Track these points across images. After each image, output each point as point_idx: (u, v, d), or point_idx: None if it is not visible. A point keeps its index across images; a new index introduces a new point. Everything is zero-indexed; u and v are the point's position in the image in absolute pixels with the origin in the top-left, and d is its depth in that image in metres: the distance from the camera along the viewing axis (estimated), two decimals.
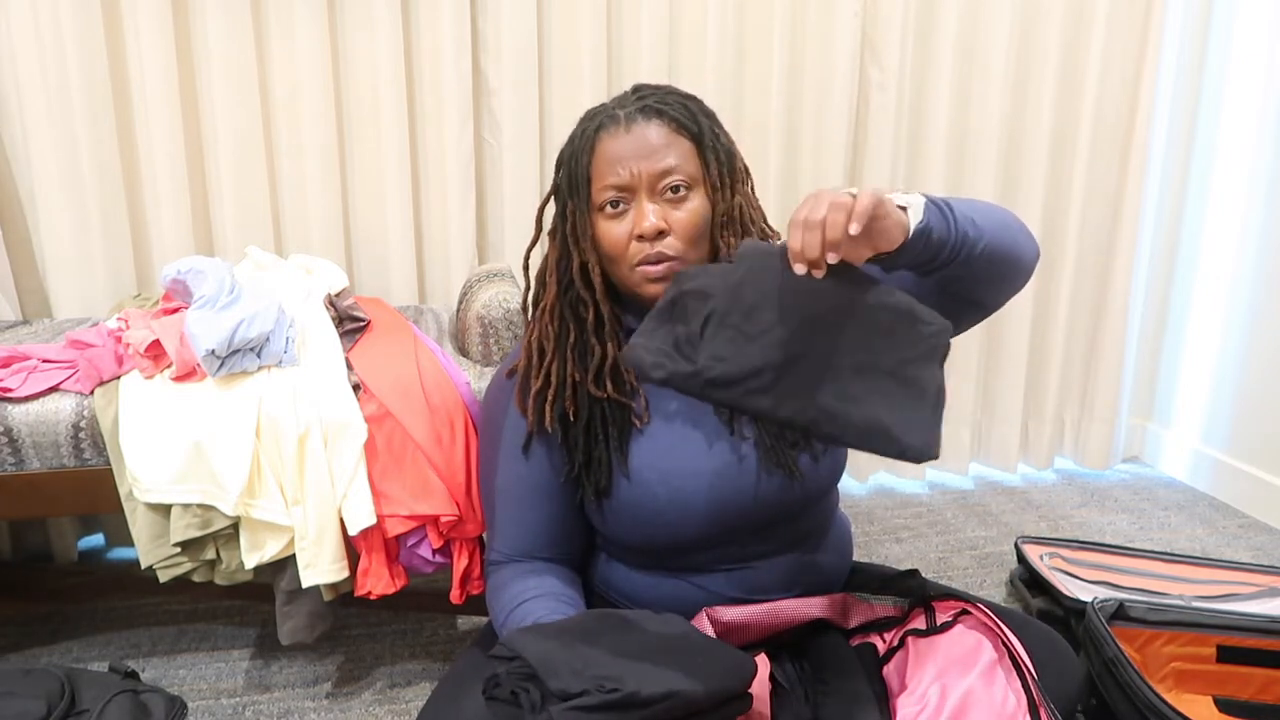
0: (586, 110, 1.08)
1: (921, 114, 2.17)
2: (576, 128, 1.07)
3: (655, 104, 1.03)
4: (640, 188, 1.01)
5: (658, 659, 0.84)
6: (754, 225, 1.08)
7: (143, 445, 1.29)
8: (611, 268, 1.05)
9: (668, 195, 1.02)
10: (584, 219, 1.04)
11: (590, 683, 0.78)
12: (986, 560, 1.96)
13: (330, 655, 1.61)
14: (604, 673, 0.80)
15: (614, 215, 1.02)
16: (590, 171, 1.03)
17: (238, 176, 1.86)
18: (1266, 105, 2.13)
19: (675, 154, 1.02)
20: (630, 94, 1.07)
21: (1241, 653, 1.40)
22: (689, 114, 1.04)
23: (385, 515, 1.32)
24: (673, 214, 1.02)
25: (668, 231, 1.01)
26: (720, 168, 1.04)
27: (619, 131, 1.02)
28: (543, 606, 1.03)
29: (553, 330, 1.07)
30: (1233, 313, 2.25)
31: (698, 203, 1.03)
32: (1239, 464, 2.24)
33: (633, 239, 1.02)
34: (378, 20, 1.86)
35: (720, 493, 1.05)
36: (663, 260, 1.01)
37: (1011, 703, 0.94)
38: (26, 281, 1.85)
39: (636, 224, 1.01)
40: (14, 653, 1.61)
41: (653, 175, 1.01)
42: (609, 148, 1.02)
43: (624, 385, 1.08)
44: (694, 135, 1.04)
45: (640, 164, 1.01)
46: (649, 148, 1.01)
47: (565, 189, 1.06)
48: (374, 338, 1.49)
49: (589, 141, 1.03)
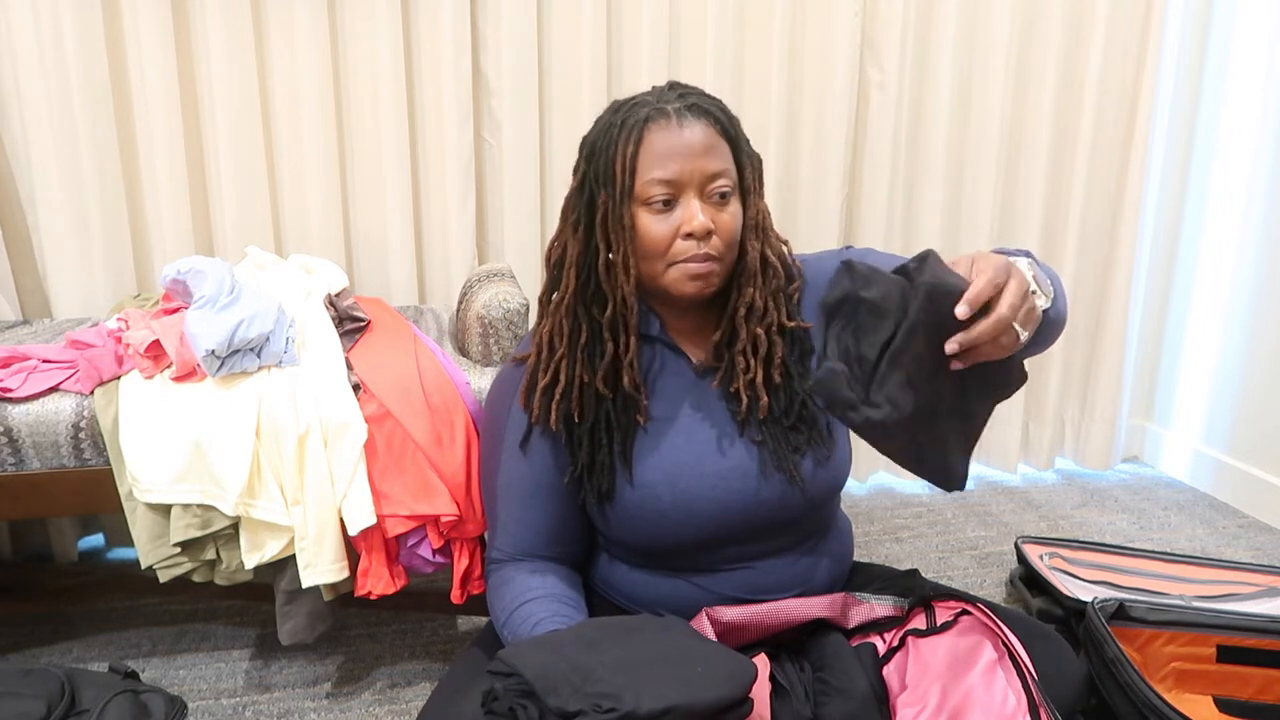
0: (614, 102, 1.06)
1: (921, 114, 2.17)
2: (610, 116, 1.04)
3: (700, 103, 1.02)
4: (690, 185, 1.00)
5: (657, 669, 0.84)
6: (772, 232, 1.09)
7: (143, 445, 1.29)
8: (646, 264, 1.03)
9: (715, 198, 1.01)
10: (621, 210, 1.01)
11: (588, 701, 0.78)
12: (986, 560, 1.96)
13: (330, 655, 1.61)
14: (602, 689, 0.79)
15: (659, 211, 1.01)
16: (636, 163, 1.00)
17: (238, 176, 1.86)
18: (1266, 105, 2.13)
19: (722, 157, 1.02)
20: (668, 90, 1.04)
21: (1241, 653, 1.40)
22: (728, 117, 1.04)
23: (385, 515, 1.32)
24: (718, 216, 1.01)
25: (713, 233, 1.01)
26: (753, 174, 1.05)
27: (670, 126, 1.00)
28: (544, 608, 1.03)
29: (566, 326, 1.06)
30: (1233, 313, 2.25)
31: (736, 207, 1.03)
32: (1239, 464, 2.24)
33: (679, 237, 1.01)
34: (378, 20, 1.86)
35: (724, 495, 1.05)
36: (708, 260, 1.01)
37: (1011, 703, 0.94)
38: (26, 281, 1.85)
39: (685, 222, 1.00)
40: (14, 653, 1.61)
41: (705, 176, 1.00)
42: (660, 141, 1.00)
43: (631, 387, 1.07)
44: (732, 140, 1.04)
45: (693, 162, 0.99)
46: (701, 146, 1.00)
47: (597, 179, 1.03)
48: (374, 338, 1.49)
49: (635, 132, 1.00)
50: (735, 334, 1.07)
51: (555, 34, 1.97)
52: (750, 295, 1.05)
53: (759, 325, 1.06)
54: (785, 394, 1.08)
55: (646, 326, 1.10)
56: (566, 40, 1.97)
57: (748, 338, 1.06)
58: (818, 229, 2.17)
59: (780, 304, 1.08)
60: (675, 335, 1.11)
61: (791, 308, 1.10)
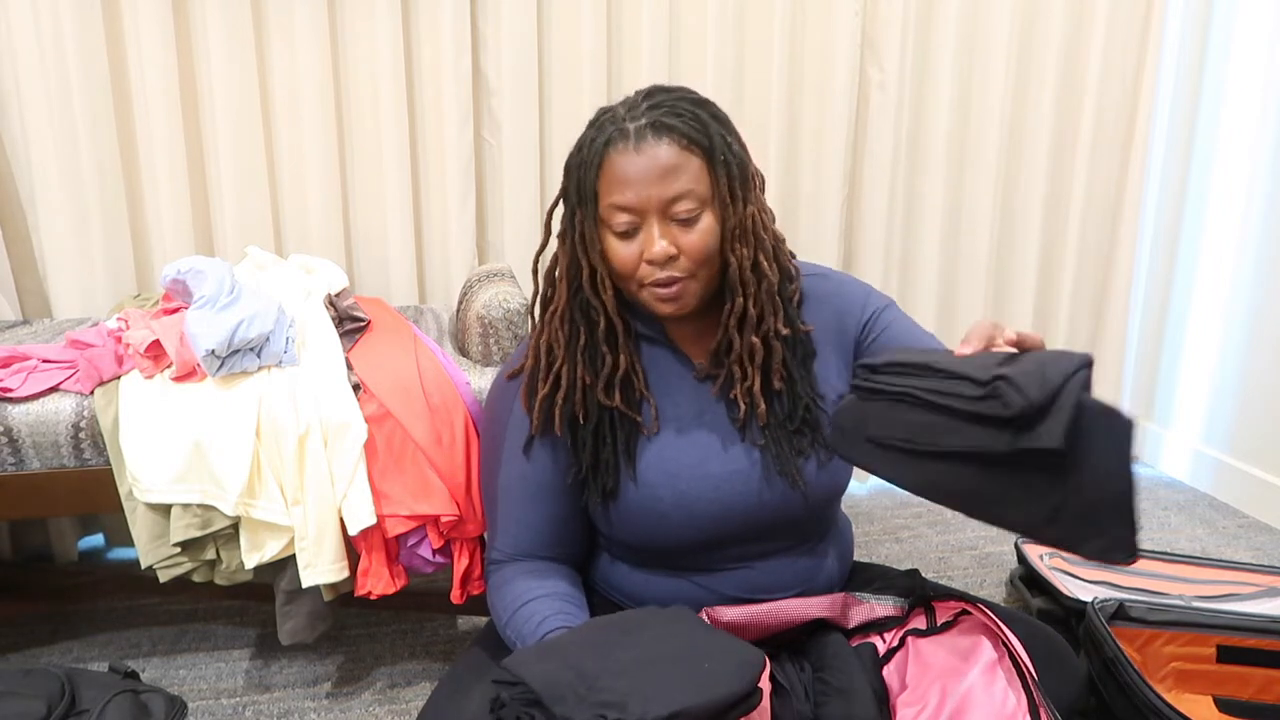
0: (599, 109, 1.04)
1: (921, 114, 2.17)
2: (587, 132, 1.02)
3: (666, 118, 0.99)
4: (650, 211, 0.98)
5: (663, 670, 0.83)
6: (765, 233, 1.04)
7: (143, 445, 1.29)
8: (620, 282, 1.04)
9: (679, 219, 0.99)
10: (592, 231, 1.01)
11: (593, 710, 0.78)
12: (986, 560, 1.96)
13: (330, 655, 1.61)
14: (608, 697, 0.79)
15: (623, 235, 1.00)
16: (598, 187, 1.00)
17: (238, 176, 1.86)
18: (1266, 105, 2.12)
19: (686, 176, 0.98)
20: (642, 100, 1.02)
21: (1241, 653, 1.40)
22: (700, 126, 0.99)
23: (385, 515, 1.32)
24: (683, 238, 0.99)
25: (678, 255, 0.99)
26: (731, 181, 1.01)
27: (628, 149, 0.98)
28: (548, 607, 1.03)
29: (563, 334, 1.06)
30: (1233, 313, 2.25)
31: (707, 223, 1.00)
32: (1239, 464, 2.24)
33: (642, 261, 1.00)
34: (378, 20, 1.86)
35: (726, 496, 1.05)
36: (674, 282, 1.00)
37: (1011, 703, 0.94)
38: (26, 281, 1.85)
39: (646, 248, 0.99)
40: (14, 653, 1.61)
41: (663, 201, 0.98)
42: (617, 166, 0.98)
43: (633, 395, 1.07)
44: (705, 149, 0.99)
45: (650, 188, 0.97)
46: (659, 170, 0.97)
47: (574, 197, 1.03)
48: (374, 338, 1.49)
49: (597, 155, 0.99)
50: (730, 343, 1.05)
51: (555, 34, 1.97)
52: (740, 305, 1.03)
53: (754, 334, 1.04)
54: (788, 398, 1.07)
55: (647, 328, 1.10)
56: (566, 40, 1.97)
57: (743, 347, 1.04)
58: (818, 229, 2.17)
59: (777, 308, 1.05)
60: (678, 338, 1.11)
61: (790, 311, 1.07)
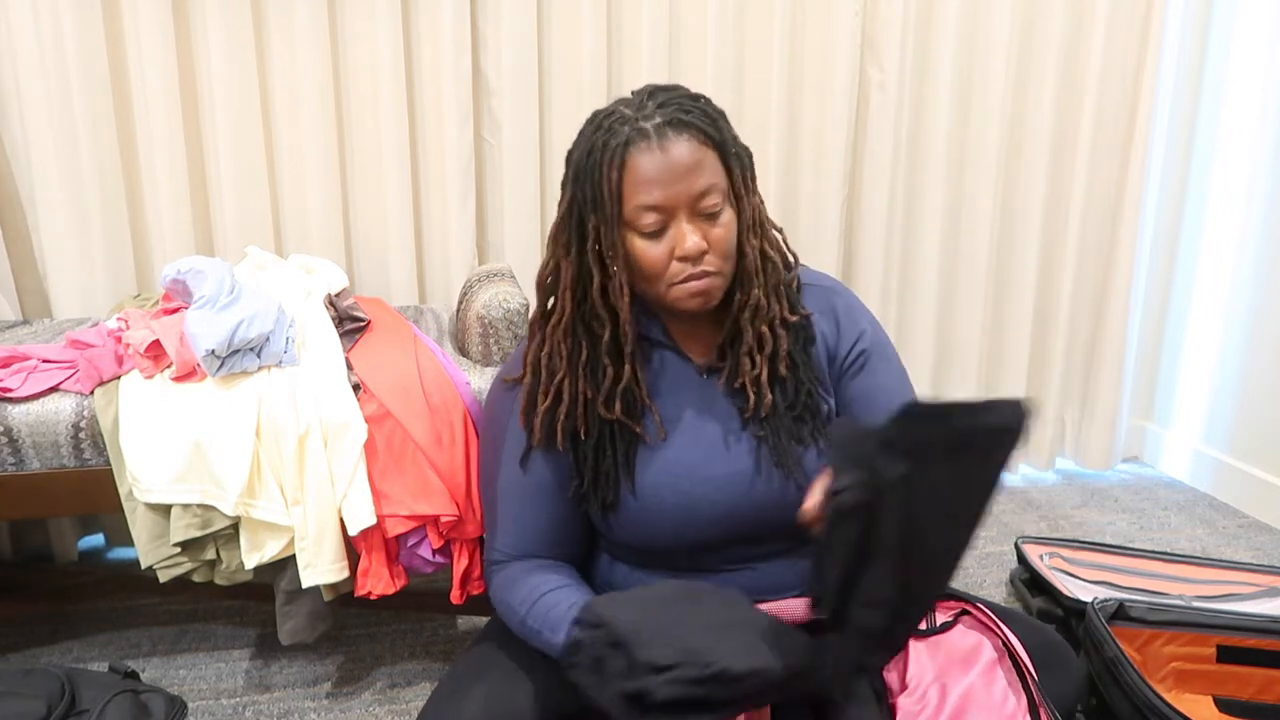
0: (595, 112, 1.03)
1: (921, 114, 2.17)
2: (592, 135, 1.01)
3: (680, 115, 0.99)
4: (679, 208, 0.98)
5: (736, 633, 0.85)
6: (768, 223, 1.07)
7: (143, 445, 1.29)
8: (644, 285, 1.03)
9: (706, 214, 1.00)
10: (613, 236, 1.00)
11: (682, 655, 0.79)
12: (986, 560, 1.96)
13: (330, 655, 1.61)
14: (693, 645, 0.80)
15: (651, 236, 1.00)
16: (622, 189, 0.99)
17: (238, 176, 1.86)
18: (1266, 105, 2.13)
19: (708, 171, 0.99)
20: (648, 99, 1.01)
21: (1241, 653, 1.40)
22: (710, 121, 1.01)
23: (385, 515, 1.32)
24: (711, 232, 1.00)
25: (708, 250, 1.00)
26: (743, 173, 1.03)
27: (651, 148, 0.97)
28: (573, 595, 1.02)
29: (565, 347, 1.05)
30: (1233, 313, 2.25)
31: (729, 216, 1.01)
32: (1239, 464, 2.24)
33: (673, 259, 1.00)
34: (378, 20, 1.86)
35: (727, 497, 1.05)
36: (705, 277, 1.01)
37: (1011, 703, 0.94)
38: (26, 281, 1.85)
39: (678, 245, 0.99)
40: (14, 653, 1.61)
41: (691, 197, 0.98)
42: (643, 165, 0.97)
43: (634, 406, 1.07)
44: (718, 144, 1.01)
45: (678, 185, 0.97)
46: (684, 167, 0.97)
47: (586, 204, 1.01)
48: (374, 338, 1.49)
49: (618, 156, 0.98)
50: (740, 334, 1.06)
51: (555, 34, 1.97)
52: (754, 295, 1.05)
53: (764, 323, 1.05)
54: (791, 385, 1.08)
55: (647, 331, 1.10)
56: (566, 40, 1.97)
57: (753, 337, 1.05)
58: (818, 229, 2.17)
59: (781, 297, 1.07)
60: (677, 338, 1.11)
61: (792, 297, 1.10)
